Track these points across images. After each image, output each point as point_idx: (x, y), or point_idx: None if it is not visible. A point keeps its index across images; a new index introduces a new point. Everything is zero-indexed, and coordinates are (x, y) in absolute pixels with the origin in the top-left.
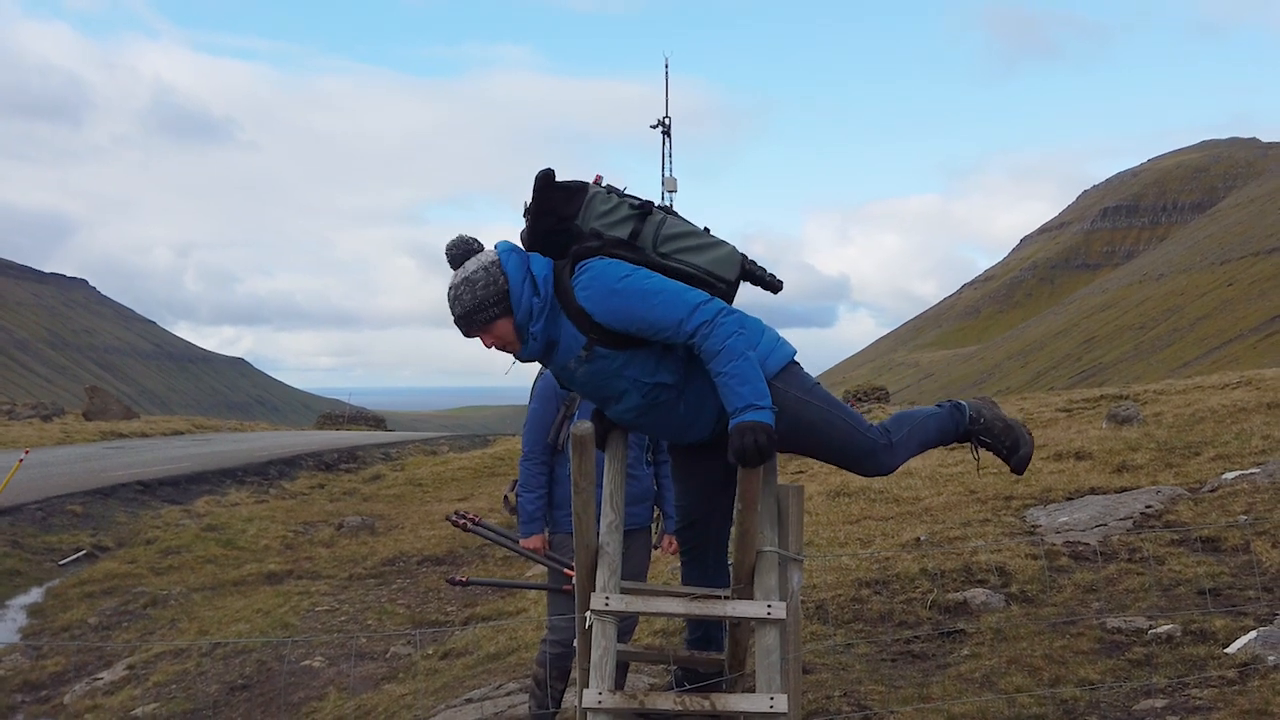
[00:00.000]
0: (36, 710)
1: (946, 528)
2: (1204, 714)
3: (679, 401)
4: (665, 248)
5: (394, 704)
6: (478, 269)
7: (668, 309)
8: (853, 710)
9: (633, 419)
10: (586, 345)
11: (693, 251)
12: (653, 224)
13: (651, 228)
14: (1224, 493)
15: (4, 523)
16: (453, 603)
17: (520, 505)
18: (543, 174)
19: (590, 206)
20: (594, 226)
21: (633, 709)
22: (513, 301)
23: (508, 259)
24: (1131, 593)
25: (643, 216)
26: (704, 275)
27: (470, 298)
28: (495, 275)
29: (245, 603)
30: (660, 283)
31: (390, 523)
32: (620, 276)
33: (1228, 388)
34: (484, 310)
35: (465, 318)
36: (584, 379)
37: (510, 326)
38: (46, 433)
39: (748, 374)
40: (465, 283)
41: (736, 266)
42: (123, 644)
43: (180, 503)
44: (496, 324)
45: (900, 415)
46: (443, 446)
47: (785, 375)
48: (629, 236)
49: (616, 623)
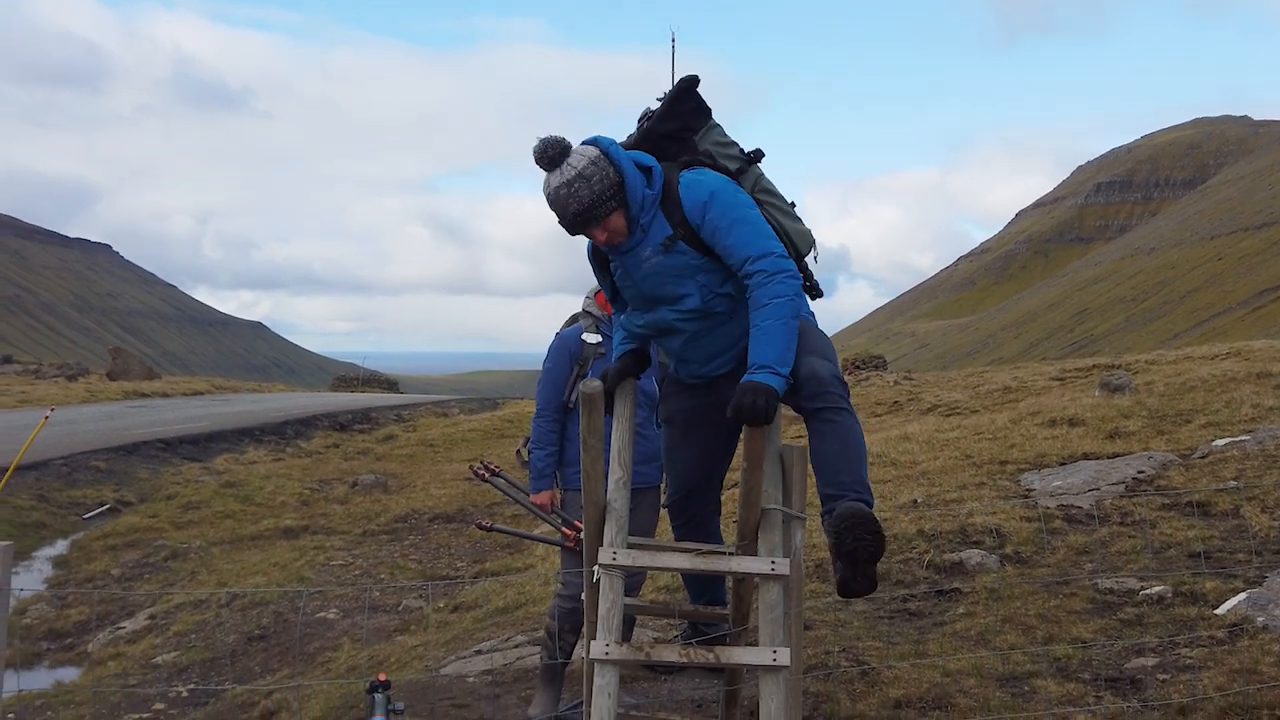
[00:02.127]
0: (61, 658)
1: (943, 490)
2: (1194, 673)
3: (730, 320)
4: (760, 196)
5: (406, 655)
6: (588, 164)
7: (747, 239)
8: (851, 665)
9: (680, 324)
10: (670, 237)
11: (781, 213)
12: (754, 174)
13: (753, 176)
14: (1214, 459)
15: (30, 477)
16: (463, 558)
17: (531, 461)
18: (690, 77)
19: (711, 132)
20: (708, 148)
21: (639, 660)
22: (628, 194)
23: (614, 150)
24: (1123, 555)
25: (750, 162)
26: (782, 235)
27: (588, 193)
28: (606, 169)
29: (262, 556)
30: (755, 216)
31: (402, 481)
32: (725, 188)
33: (1217, 358)
34: (602, 204)
35: (584, 214)
36: (651, 271)
37: (624, 219)
38: (71, 392)
39: (780, 336)
40: (579, 179)
41: (808, 246)
42: (144, 594)
43: (200, 460)
44: (611, 217)
45: None
46: (453, 409)
47: None
48: (735, 171)
49: (624, 577)
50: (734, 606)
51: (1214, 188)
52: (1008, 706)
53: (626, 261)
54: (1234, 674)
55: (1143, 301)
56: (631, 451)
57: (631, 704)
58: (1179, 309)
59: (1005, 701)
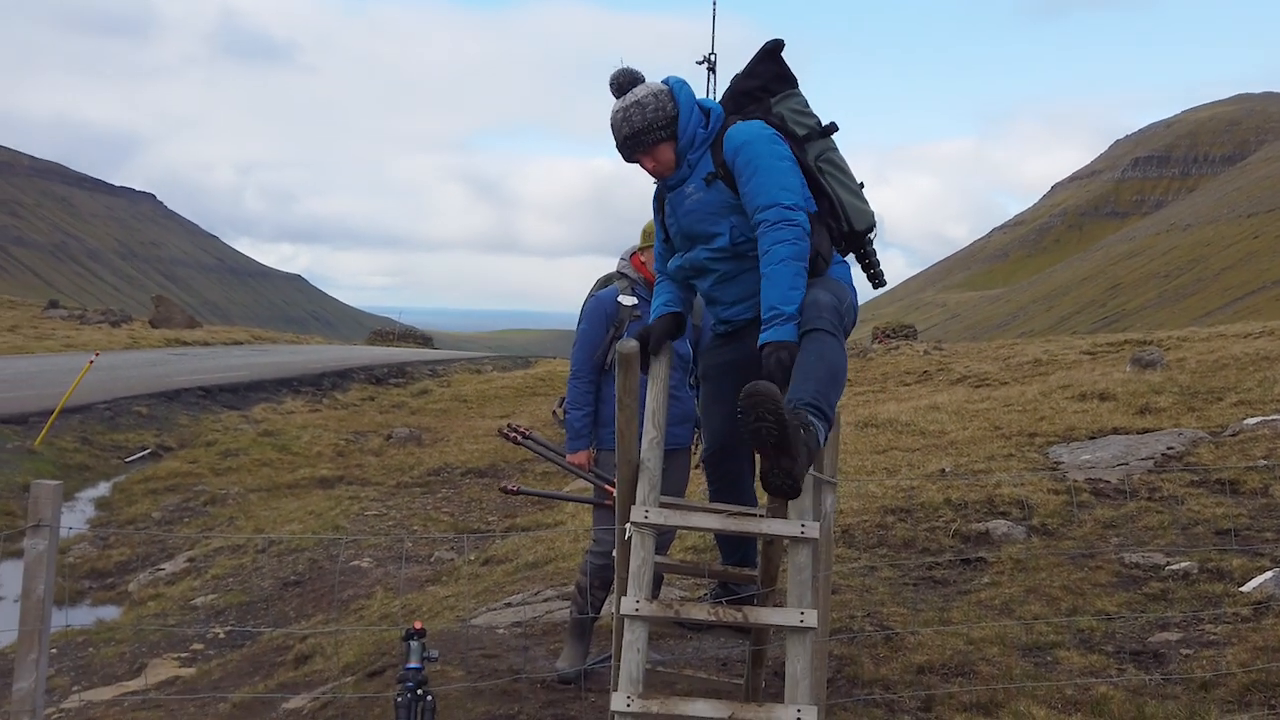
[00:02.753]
0: (103, 596)
1: (971, 461)
2: (1217, 648)
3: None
4: (824, 166)
5: (438, 605)
6: (648, 94)
7: (761, 188)
8: (876, 629)
9: (711, 264)
10: (711, 174)
11: (842, 186)
12: (825, 144)
13: (823, 145)
14: (1245, 437)
15: (75, 420)
16: (494, 513)
17: (568, 421)
18: (775, 41)
19: (790, 99)
20: (781, 111)
21: (668, 618)
22: (680, 127)
23: (680, 89)
24: (1150, 530)
25: (824, 133)
26: (838, 206)
27: (640, 119)
28: (665, 102)
29: (298, 504)
30: (780, 169)
31: (436, 435)
32: (764, 138)
33: (1250, 336)
34: (652, 132)
35: (633, 138)
36: (692, 207)
37: (672, 151)
38: (115, 337)
39: (783, 278)
40: (636, 105)
41: (865, 223)
42: (184, 537)
43: (239, 408)
44: (660, 147)
45: None
46: (487, 366)
47: None
48: (803, 136)
49: (655, 535)
50: (762, 568)
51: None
52: (1030, 676)
53: (673, 198)
54: (1257, 651)
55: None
56: (665, 412)
57: (658, 660)
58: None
59: (1028, 671)
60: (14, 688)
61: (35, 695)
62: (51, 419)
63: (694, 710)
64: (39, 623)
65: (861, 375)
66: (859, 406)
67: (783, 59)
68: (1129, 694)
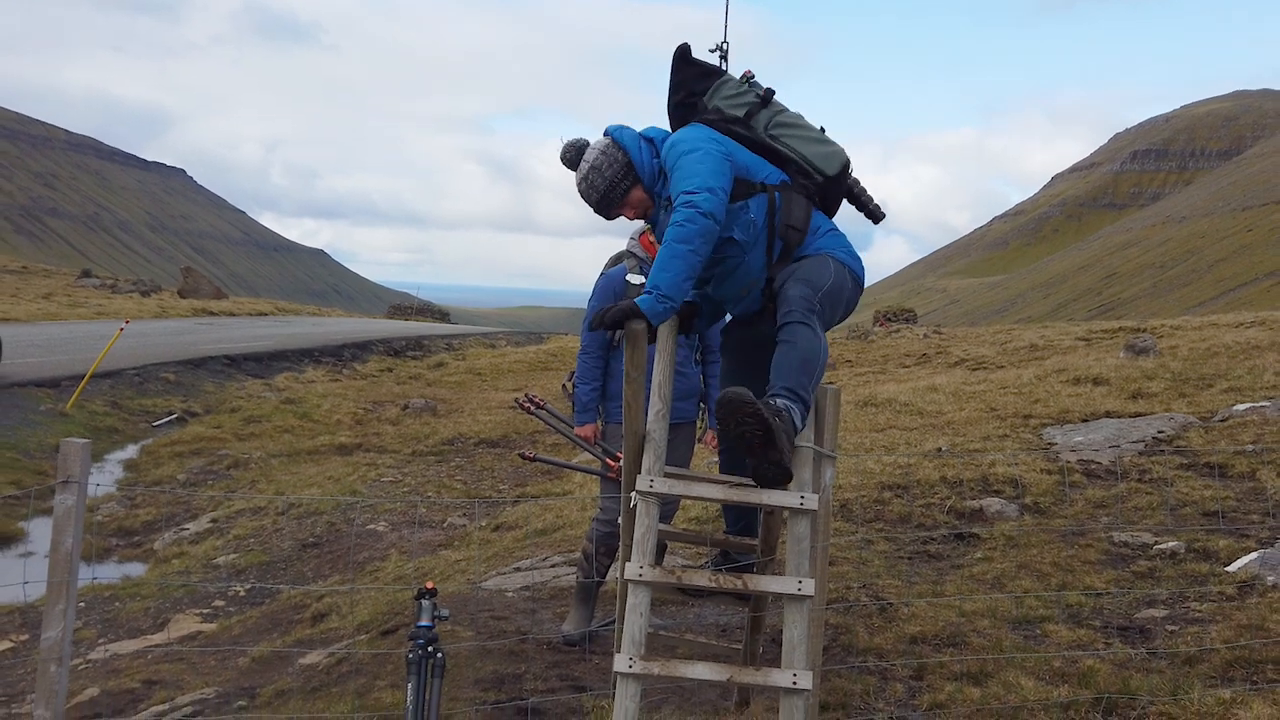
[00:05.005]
0: (129, 553)
1: (967, 440)
2: (1202, 626)
3: (742, 263)
4: (776, 131)
5: (450, 568)
6: (597, 156)
7: (678, 180)
8: (871, 600)
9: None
10: (669, 197)
11: (800, 141)
12: (771, 110)
13: (769, 113)
14: (1234, 423)
15: (105, 385)
16: (505, 482)
17: (576, 396)
18: (680, 48)
19: (719, 89)
20: (716, 104)
21: (671, 583)
22: (638, 170)
23: (620, 134)
24: (1140, 510)
25: (764, 102)
26: (803, 162)
27: (602, 182)
28: (614, 154)
29: (318, 470)
30: (695, 160)
31: (451, 406)
32: (681, 139)
33: (1242, 326)
34: (617, 186)
35: (604, 200)
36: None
37: (642, 192)
38: (145, 306)
39: (660, 259)
40: (593, 170)
41: (837, 164)
42: (207, 499)
43: (262, 377)
44: (631, 194)
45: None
46: (501, 340)
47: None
48: (744, 115)
49: (659, 504)
50: (762, 538)
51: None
52: (1019, 648)
53: (658, 229)
54: (1241, 629)
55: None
56: (671, 386)
57: (660, 625)
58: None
59: (1017, 643)
60: (42, 637)
61: (63, 644)
62: (83, 383)
63: (694, 672)
64: (66, 575)
65: (862, 357)
66: (859, 386)
67: (695, 59)
68: (1115, 667)
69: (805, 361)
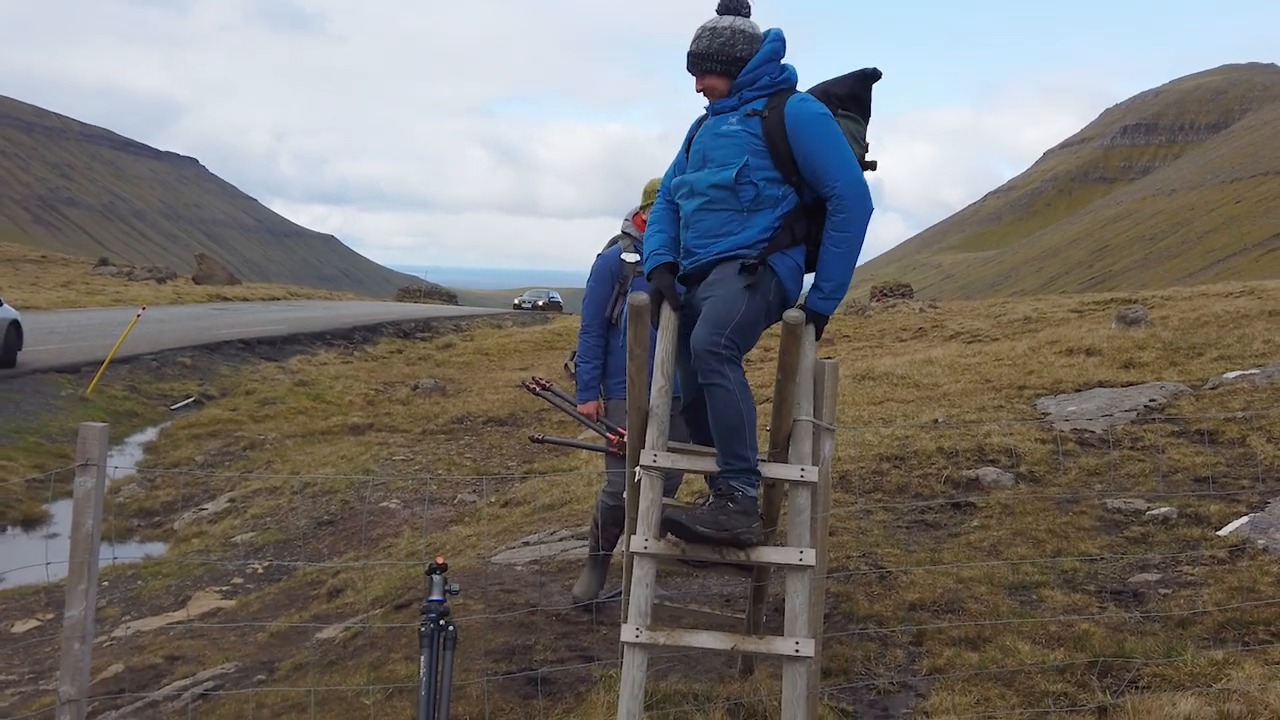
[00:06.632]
0: (150, 533)
1: (963, 411)
2: (1194, 589)
3: (742, 213)
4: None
5: (460, 543)
6: (731, 30)
7: (840, 164)
8: (870, 569)
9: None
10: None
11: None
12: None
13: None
14: (1224, 390)
15: (124, 370)
16: (513, 459)
17: (578, 374)
18: (874, 70)
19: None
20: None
21: (675, 556)
22: (747, 67)
23: (772, 42)
24: (1132, 477)
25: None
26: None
27: (707, 45)
28: (739, 43)
29: (331, 449)
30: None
31: (459, 386)
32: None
33: (1231, 296)
34: (711, 60)
35: (692, 56)
36: (727, 132)
37: (721, 84)
38: (161, 293)
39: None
40: (713, 32)
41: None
42: (225, 479)
43: (276, 360)
44: (711, 76)
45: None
46: (507, 321)
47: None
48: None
49: (663, 478)
50: (764, 510)
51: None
52: (1016, 613)
53: (713, 121)
54: (1233, 591)
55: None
56: (674, 362)
57: (666, 596)
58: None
59: (1014, 608)
60: (65, 615)
61: (85, 622)
62: (102, 369)
63: (699, 641)
64: (88, 554)
65: (860, 331)
66: (857, 360)
67: (871, 89)
68: (1109, 630)
69: (731, 429)
